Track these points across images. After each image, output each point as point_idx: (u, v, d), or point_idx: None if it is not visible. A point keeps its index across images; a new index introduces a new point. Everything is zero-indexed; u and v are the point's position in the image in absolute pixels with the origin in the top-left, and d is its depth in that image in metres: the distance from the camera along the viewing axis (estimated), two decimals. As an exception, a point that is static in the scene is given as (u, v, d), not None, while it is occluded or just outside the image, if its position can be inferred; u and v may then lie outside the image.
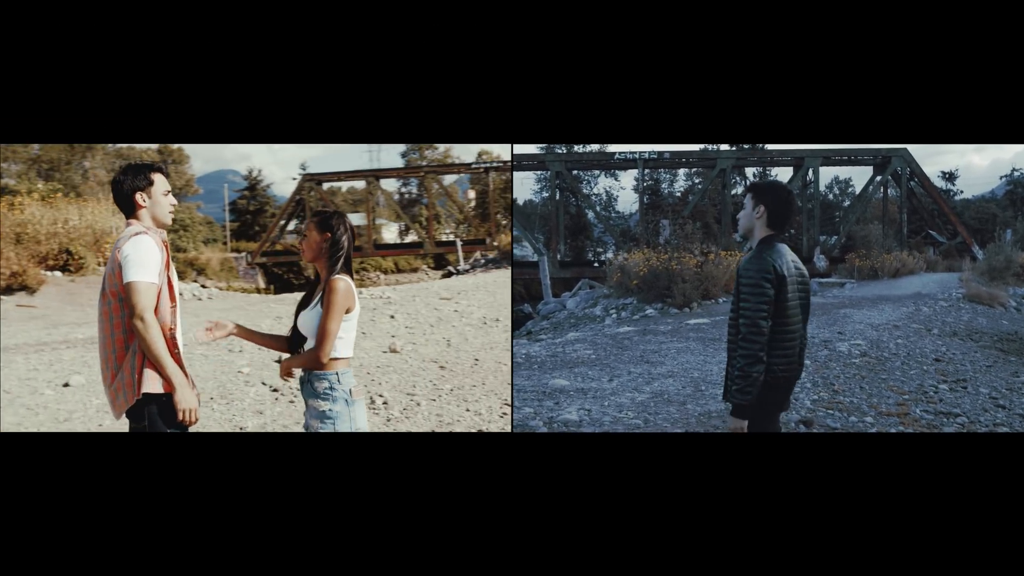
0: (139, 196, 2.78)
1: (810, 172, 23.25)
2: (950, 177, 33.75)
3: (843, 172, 38.82)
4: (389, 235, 38.36)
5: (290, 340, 2.81)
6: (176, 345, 2.74)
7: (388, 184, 32.55)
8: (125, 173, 2.81)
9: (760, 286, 2.57)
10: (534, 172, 29.32)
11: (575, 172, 26.29)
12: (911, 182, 23.44)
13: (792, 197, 2.74)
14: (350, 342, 2.73)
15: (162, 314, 2.69)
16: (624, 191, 47.50)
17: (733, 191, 24.69)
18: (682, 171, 32.70)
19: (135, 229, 2.72)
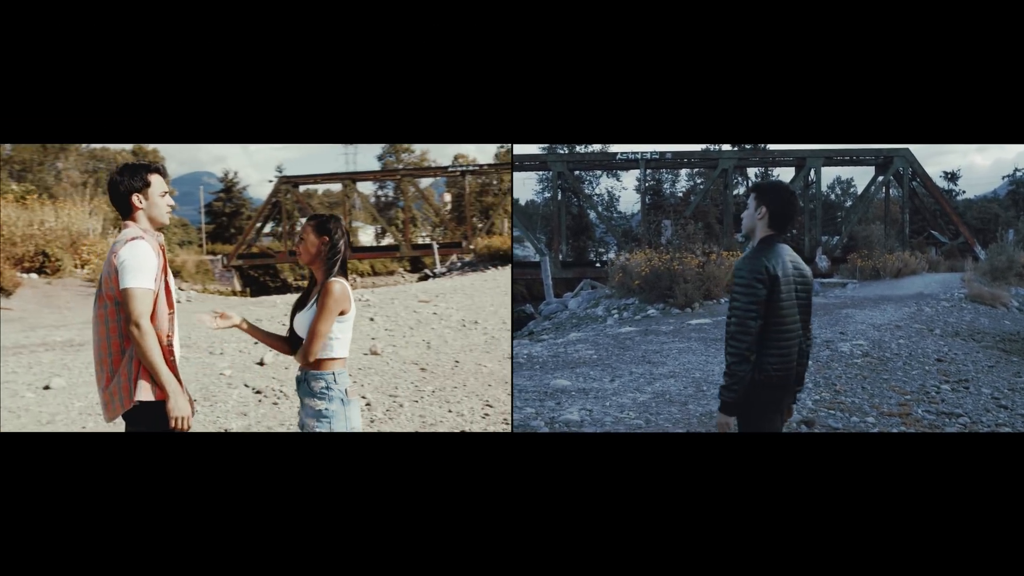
0: (135, 197, 2.74)
1: (812, 172, 23.23)
2: (952, 177, 33.72)
3: (845, 172, 38.78)
4: (365, 238, 38.32)
5: (289, 341, 2.85)
6: (172, 352, 2.73)
7: (364, 187, 32.62)
8: (122, 173, 2.77)
9: (751, 286, 2.59)
10: (536, 172, 29.33)
11: (577, 172, 26.30)
12: (913, 182, 23.41)
13: (794, 198, 2.75)
14: (346, 343, 2.77)
15: (160, 320, 2.68)
16: (626, 191, 47.48)
17: (735, 191, 24.68)
18: (684, 171, 32.71)
19: (132, 233, 2.70)
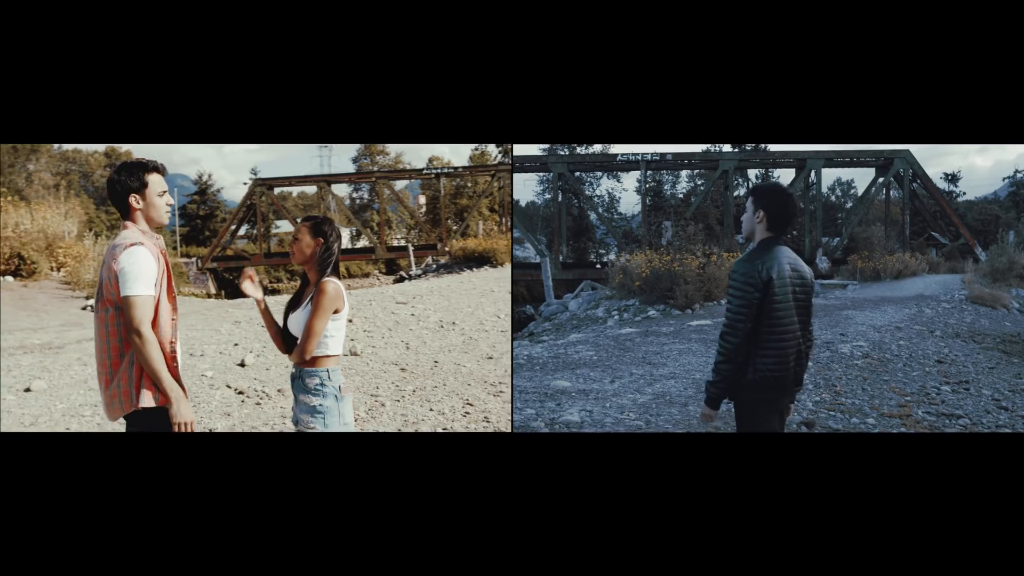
0: (133, 198, 2.71)
1: (812, 174, 23.22)
2: (953, 179, 33.70)
3: (845, 174, 38.83)
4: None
5: (284, 340, 2.93)
6: (175, 358, 2.73)
7: (339, 189, 32.48)
8: (119, 173, 2.73)
9: (743, 290, 2.63)
10: (536, 174, 29.34)
11: (577, 174, 26.29)
12: (913, 183, 23.40)
13: (791, 200, 2.76)
14: (340, 341, 2.86)
15: (162, 326, 2.68)
16: (627, 193, 47.54)
17: (735, 193, 24.68)
18: (684, 173, 32.70)
19: (130, 238, 2.66)
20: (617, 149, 30.47)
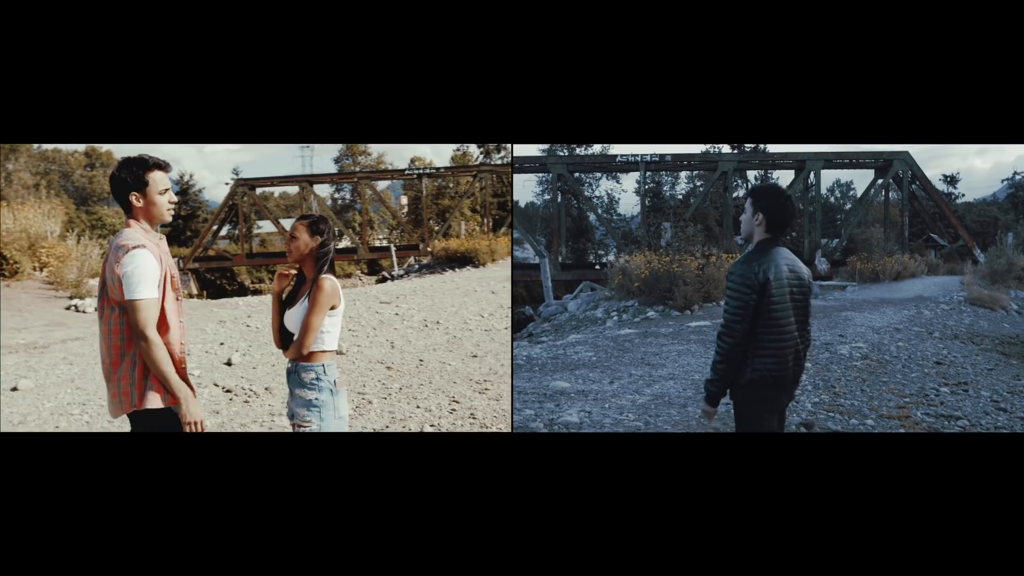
0: (133, 196, 2.69)
1: (811, 175, 23.23)
2: (952, 180, 33.71)
3: (844, 175, 38.84)
4: (323, 240, 38.07)
5: (280, 336, 2.99)
6: (184, 361, 2.76)
7: (321, 189, 32.34)
8: (121, 169, 2.70)
9: (740, 291, 2.66)
10: (536, 174, 29.34)
11: (577, 174, 26.29)
12: (912, 185, 23.40)
13: (789, 201, 2.77)
14: (335, 336, 2.93)
15: (172, 328, 2.70)
16: (626, 194, 47.52)
17: (735, 194, 24.70)
18: (684, 174, 32.70)
19: (132, 240, 2.64)
20: (616, 150, 30.47)
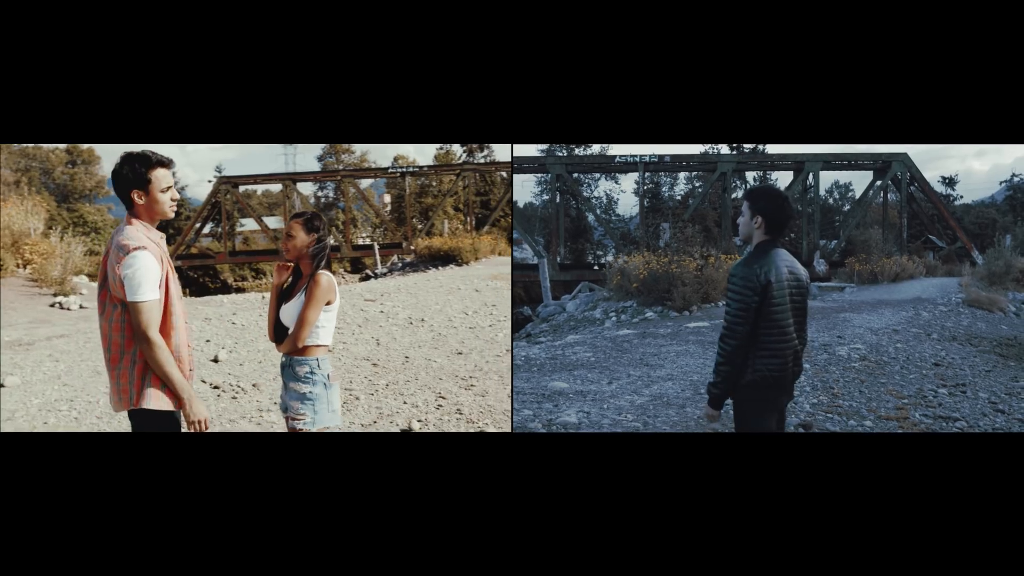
0: (135, 194, 2.66)
1: (810, 176, 23.24)
2: (950, 182, 33.73)
3: (843, 176, 38.86)
4: (306, 238, 38.02)
5: (275, 331, 3.05)
6: (188, 360, 2.79)
7: (304, 187, 32.30)
8: (124, 165, 2.66)
9: (743, 293, 2.67)
10: (535, 175, 29.33)
11: (575, 175, 26.31)
12: (911, 187, 23.42)
13: (786, 202, 2.78)
14: (330, 331, 2.99)
15: (178, 329, 2.73)
16: (625, 194, 47.50)
17: (733, 195, 24.70)
18: (682, 175, 32.72)
19: (134, 240, 2.62)
20: (615, 151, 30.50)
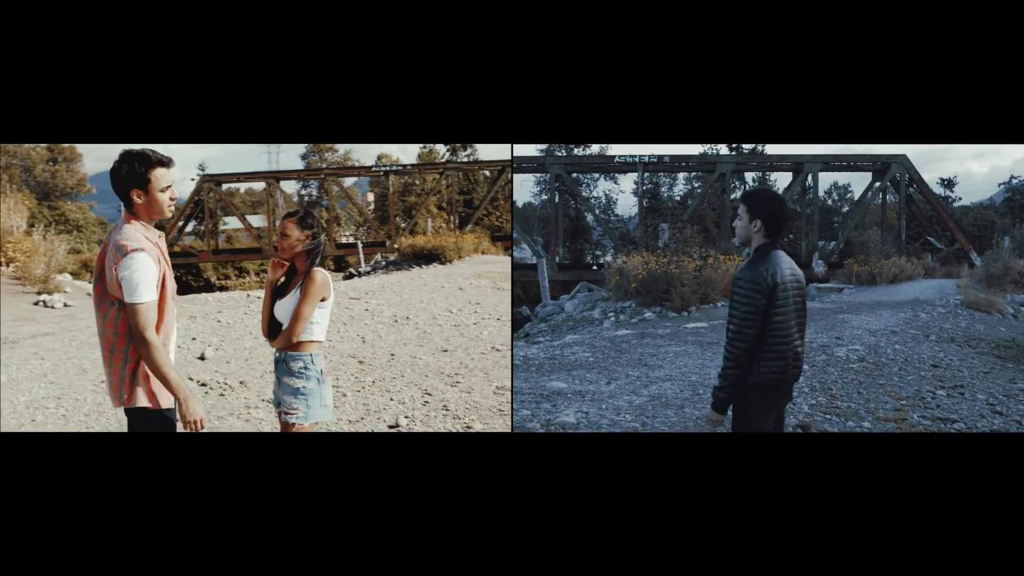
0: (135, 193, 2.66)
1: (809, 177, 23.26)
2: (949, 184, 33.77)
3: (842, 178, 38.90)
4: (290, 237, 38.00)
5: (269, 327, 3.07)
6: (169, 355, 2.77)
7: (288, 186, 32.23)
8: (122, 164, 2.66)
9: (750, 296, 2.66)
10: (534, 175, 29.34)
11: (574, 175, 26.32)
12: (910, 188, 23.44)
13: (784, 205, 2.79)
14: (324, 328, 3.02)
15: (168, 327, 2.76)
16: (624, 194, 47.51)
17: (732, 196, 24.72)
18: (681, 175, 32.74)
19: (132, 242, 2.61)
20: (614, 151, 30.52)
